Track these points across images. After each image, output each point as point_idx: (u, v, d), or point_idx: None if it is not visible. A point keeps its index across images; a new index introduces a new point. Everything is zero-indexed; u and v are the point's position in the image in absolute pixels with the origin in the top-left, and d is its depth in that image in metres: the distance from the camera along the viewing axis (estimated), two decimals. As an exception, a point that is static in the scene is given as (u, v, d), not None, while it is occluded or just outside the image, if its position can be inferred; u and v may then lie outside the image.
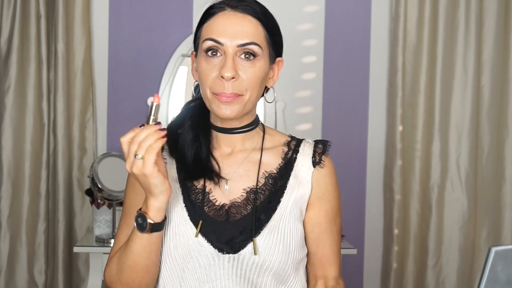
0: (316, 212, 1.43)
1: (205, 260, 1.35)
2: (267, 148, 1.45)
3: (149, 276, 1.36)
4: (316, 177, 1.42)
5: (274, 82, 1.44)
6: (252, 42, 1.33)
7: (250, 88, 1.34)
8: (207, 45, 1.34)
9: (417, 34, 3.37)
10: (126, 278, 1.36)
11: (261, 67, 1.35)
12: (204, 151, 1.40)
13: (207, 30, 1.36)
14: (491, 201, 3.42)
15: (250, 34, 1.33)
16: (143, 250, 1.31)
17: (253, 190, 1.40)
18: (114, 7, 3.36)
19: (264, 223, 1.36)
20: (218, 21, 1.34)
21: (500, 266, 1.15)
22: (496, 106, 3.41)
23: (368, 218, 3.52)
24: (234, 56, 1.32)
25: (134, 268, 1.34)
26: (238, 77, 1.32)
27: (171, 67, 3.34)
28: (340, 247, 1.48)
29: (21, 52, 3.19)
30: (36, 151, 3.21)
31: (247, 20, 1.33)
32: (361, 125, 3.49)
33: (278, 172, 1.42)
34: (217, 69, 1.33)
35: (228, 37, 1.32)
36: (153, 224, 1.28)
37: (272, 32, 1.37)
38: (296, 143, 1.46)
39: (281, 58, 1.43)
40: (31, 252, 3.22)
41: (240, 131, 1.42)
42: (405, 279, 3.39)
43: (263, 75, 1.36)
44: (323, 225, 1.43)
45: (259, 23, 1.34)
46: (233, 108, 1.34)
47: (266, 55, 1.36)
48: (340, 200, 1.47)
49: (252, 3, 1.36)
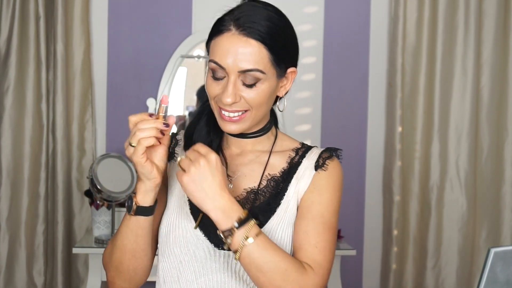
0: (305, 201, 1.39)
1: (201, 254, 1.37)
2: (276, 151, 1.46)
3: (136, 261, 1.38)
4: (316, 177, 1.41)
5: (286, 90, 1.42)
6: (254, 69, 1.31)
7: (255, 107, 1.35)
8: (212, 67, 1.36)
9: (416, 35, 3.37)
10: (115, 259, 1.39)
11: (265, 88, 1.34)
12: (214, 146, 1.43)
13: (213, 49, 1.36)
14: (490, 202, 3.42)
15: (253, 60, 1.31)
16: (130, 232, 1.35)
17: (253, 190, 1.41)
18: (113, 8, 3.36)
19: (261, 225, 1.37)
20: (223, 43, 1.33)
21: (500, 267, 1.15)
22: (496, 107, 3.41)
23: (367, 219, 3.51)
24: (236, 80, 1.32)
25: (121, 250, 1.37)
26: (240, 99, 1.34)
27: (170, 68, 3.34)
28: (326, 245, 1.35)
29: (20, 53, 3.19)
30: (35, 152, 3.21)
31: (250, 45, 1.31)
32: (361, 126, 3.49)
33: (282, 175, 1.42)
34: (220, 89, 1.34)
35: (230, 62, 1.32)
36: (139, 207, 1.33)
37: (279, 51, 1.34)
38: (305, 150, 1.46)
39: (294, 69, 1.41)
40: (30, 253, 3.22)
41: (251, 136, 1.44)
42: (404, 280, 3.39)
43: (269, 94, 1.36)
44: (306, 213, 1.37)
45: (262, 47, 1.32)
46: (238, 126, 1.37)
47: (271, 76, 1.35)
48: (336, 203, 1.40)
49: (260, 21, 1.33)
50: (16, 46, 3.18)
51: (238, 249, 1.26)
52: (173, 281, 1.40)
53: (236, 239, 1.26)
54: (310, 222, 1.36)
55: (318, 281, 1.31)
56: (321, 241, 1.34)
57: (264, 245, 1.27)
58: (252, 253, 1.26)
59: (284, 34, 1.36)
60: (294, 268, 1.29)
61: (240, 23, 1.32)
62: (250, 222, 1.27)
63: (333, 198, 1.39)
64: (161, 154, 1.31)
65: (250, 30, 1.31)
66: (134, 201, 1.33)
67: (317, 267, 1.32)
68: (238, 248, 1.26)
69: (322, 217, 1.37)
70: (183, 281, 1.39)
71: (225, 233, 1.26)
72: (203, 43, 3.38)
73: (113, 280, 1.42)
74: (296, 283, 1.28)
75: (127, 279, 1.41)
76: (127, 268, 1.39)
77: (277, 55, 1.34)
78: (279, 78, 1.38)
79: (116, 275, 1.41)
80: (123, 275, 1.40)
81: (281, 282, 1.27)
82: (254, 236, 1.27)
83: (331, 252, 1.36)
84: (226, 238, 1.26)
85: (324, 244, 1.35)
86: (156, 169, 1.30)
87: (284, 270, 1.28)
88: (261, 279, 1.27)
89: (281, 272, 1.27)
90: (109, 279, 1.43)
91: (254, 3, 1.37)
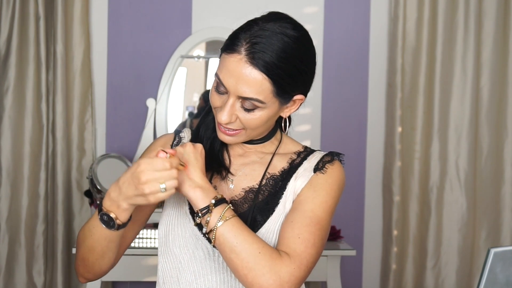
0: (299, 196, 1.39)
1: (200, 254, 1.37)
2: (278, 153, 1.47)
3: (103, 261, 1.37)
4: (313, 178, 1.40)
5: (290, 113, 1.42)
6: (254, 98, 1.31)
7: (249, 128, 1.36)
8: (216, 80, 1.36)
9: (416, 35, 3.37)
10: (81, 254, 1.38)
11: (262, 115, 1.34)
12: (218, 141, 1.44)
13: (221, 64, 1.34)
14: (490, 202, 3.42)
15: (254, 90, 1.31)
16: (104, 240, 1.33)
17: (252, 189, 1.41)
18: (113, 8, 3.36)
19: (260, 225, 1.37)
20: (230, 64, 1.32)
21: (499, 267, 1.15)
22: (495, 107, 3.41)
23: (367, 219, 3.52)
24: (234, 102, 1.33)
25: (90, 250, 1.35)
26: (236, 119, 1.35)
27: (170, 68, 3.34)
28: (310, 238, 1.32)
29: (20, 53, 3.19)
30: (35, 152, 3.21)
31: (253, 77, 1.30)
32: (360, 126, 3.49)
33: (281, 174, 1.43)
34: (221, 103, 1.35)
35: (232, 85, 1.31)
36: (121, 225, 1.29)
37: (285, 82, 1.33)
38: (307, 153, 1.47)
39: (302, 97, 1.39)
40: (30, 253, 3.22)
41: (255, 143, 1.46)
42: (404, 280, 3.39)
43: (265, 120, 1.36)
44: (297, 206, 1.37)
45: (266, 80, 1.30)
46: (234, 139, 1.39)
47: (272, 104, 1.34)
48: (331, 203, 1.38)
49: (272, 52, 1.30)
50: (16, 47, 3.18)
51: (214, 227, 1.26)
52: (173, 282, 1.40)
53: (213, 217, 1.27)
54: (298, 214, 1.35)
55: (293, 269, 1.28)
56: (305, 233, 1.32)
57: (239, 226, 1.28)
58: (226, 232, 1.26)
59: (296, 66, 1.33)
60: (268, 252, 1.28)
61: (251, 49, 1.30)
62: (225, 204, 1.29)
63: (328, 196, 1.38)
64: None
65: (258, 60, 1.29)
66: (115, 221, 1.28)
67: (294, 256, 1.30)
68: (214, 227, 1.26)
69: (312, 211, 1.35)
70: (183, 281, 1.39)
71: (203, 211, 1.27)
72: (203, 43, 3.41)
73: (77, 268, 1.42)
74: (268, 267, 1.26)
75: (90, 272, 1.40)
76: (92, 264, 1.38)
77: (281, 88, 1.33)
78: (282, 105, 1.37)
79: (81, 266, 1.40)
80: (88, 268, 1.40)
81: (253, 265, 1.26)
82: (229, 216, 1.27)
83: (315, 245, 1.33)
84: (203, 217, 1.27)
85: (308, 236, 1.32)
86: None
87: (258, 253, 1.27)
88: (234, 260, 1.27)
89: (254, 254, 1.26)
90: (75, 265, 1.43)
91: (275, 26, 1.32)
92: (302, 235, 1.32)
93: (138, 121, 3.35)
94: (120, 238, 1.36)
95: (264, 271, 1.26)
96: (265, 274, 1.26)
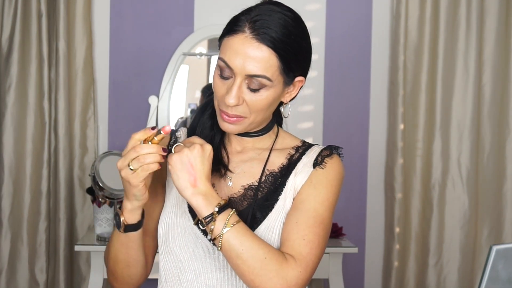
0: (300, 194, 1.38)
1: (200, 252, 1.37)
2: (276, 149, 1.46)
3: (130, 270, 1.41)
4: (313, 174, 1.40)
5: (291, 97, 1.42)
6: (262, 75, 1.30)
7: (254, 112, 1.35)
8: (220, 64, 1.34)
9: (418, 32, 3.37)
10: (109, 267, 1.43)
11: (268, 95, 1.34)
12: (216, 140, 1.43)
13: (224, 48, 1.34)
14: (492, 200, 3.42)
15: (261, 67, 1.30)
16: (121, 246, 1.37)
17: (251, 187, 1.40)
18: (115, 5, 3.36)
19: (259, 221, 1.37)
20: (234, 44, 1.31)
21: (501, 264, 1.15)
22: (497, 105, 3.40)
23: (369, 216, 3.52)
24: (241, 83, 1.31)
25: (114, 260, 1.40)
26: (243, 102, 1.33)
27: (172, 65, 3.34)
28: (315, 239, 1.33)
29: (22, 50, 3.19)
30: (37, 150, 3.22)
31: (260, 51, 1.30)
32: (362, 123, 3.49)
33: (280, 171, 1.42)
34: (225, 89, 1.33)
35: (239, 64, 1.30)
36: (127, 225, 1.33)
37: (290, 60, 1.33)
38: (305, 147, 1.46)
39: (302, 78, 1.40)
40: (32, 251, 3.23)
41: (252, 136, 1.44)
42: (406, 278, 3.39)
43: (271, 101, 1.35)
44: (299, 205, 1.36)
45: (273, 54, 1.30)
46: (235, 127, 1.36)
47: (277, 83, 1.34)
48: (332, 199, 1.38)
49: (275, 27, 1.31)
50: (18, 44, 3.18)
51: (219, 235, 1.26)
52: (175, 281, 1.40)
53: (217, 225, 1.26)
54: (302, 214, 1.35)
55: (299, 272, 1.29)
56: (310, 234, 1.32)
57: (244, 232, 1.27)
58: (231, 239, 1.26)
59: (298, 43, 1.35)
60: (274, 257, 1.28)
61: (255, 27, 1.30)
62: (229, 209, 1.28)
63: (329, 193, 1.38)
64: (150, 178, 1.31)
65: (263, 35, 1.30)
66: (122, 220, 1.33)
67: (300, 258, 1.30)
68: (219, 235, 1.26)
69: (315, 211, 1.35)
70: (184, 280, 1.39)
71: (206, 219, 1.26)
72: (205, 40, 3.41)
73: (111, 282, 1.46)
74: (275, 272, 1.27)
75: (123, 283, 1.44)
76: (121, 275, 1.42)
77: (287, 65, 1.33)
78: (285, 86, 1.37)
79: (113, 279, 1.44)
80: (119, 280, 1.43)
81: (260, 271, 1.26)
82: (234, 222, 1.27)
83: (319, 246, 1.33)
84: (208, 225, 1.26)
85: (312, 238, 1.32)
86: (146, 189, 1.30)
87: (263, 258, 1.27)
88: (241, 266, 1.27)
89: (260, 260, 1.26)
90: (108, 280, 1.47)
91: (273, 6, 1.34)
92: (306, 236, 1.32)
93: (140, 118, 3.35)
94: (139, 245, 1.38)
95: (271, 275, 1.27)
96: (272, 279, 1.27)
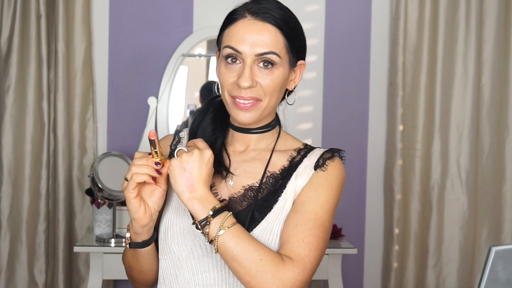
0: (301, 196, 1.38)
1: (199, 251, 1.38)
2: (278, 150, 1.47)
3: (145, 276, 1.49)
4: (314, 176, 1.40)
5: (295, 84, 1.45)
6: (271, 52, 1.34)
7: (268, 94, 1.37)
8: (227, 52, 1.36)
9: (417, 33, 3.37)
10: (126, 270, 1.52)
11: (279, 74, 1.37)
12: (218, 144, 1.45)
13: (228, 36, 1.37)
14: (491, 201, 3.42)
15: (269, 44, 1.34)
16: (133, 258, 1.45)
17: (251, 187, 1.41)
18: (114, 6, 3.36)
19: (257, 221, 1.37)
20: (238, 29, 1.35)
21: (501, 265, 1.15)
22: (497, 106, 3.40)
23: (368, 217, 3.52)
24: (252, 65, 1.34)
25: (129, 267, 1.50)
26: (256, 84, 1.35)
27: (171, 66, 3.34)
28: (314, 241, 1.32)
29: (21, 51, 3.19)
30: (36, 151, 3.21)
31: (266, 29, 1.34)
32: (362, 124, 3.49)
33: (281, 173, 1.42)
34: (235, 76, 1.36)
35: (246, 46, 1.34)
36: (131, 243, 1.40)
37: (293, 38, 1.38)
38: (307, 150, 1.46)
39: (303, 62, 1.44)
40: (31, 252, 3.22)
41: (256, 132, 1.46)
42: (405, 279, 3.39)
43: (282, 82, 1.38)
44: (299, 207, 1.36)
45: (278, 32, 1.35)
46: (251, 114, 1.37)
47: (285, 62, 1.38)
48: (332, 202, 1.38)
49: (273, 10, 1.36)
50: (17, 45, 3.18)
51: (214, 238, 1.28)
52: (172, 280, 1.41)
53: (212, 228, 1.27)
54: (302, 216, 1.35)
55: (296, 274, 1.28)
56: (309, 236, 1.32)
57: (239, 235, 1.28)
58: (226, 242, 1.27)
59: (296, 24, 1.40)
60: (270, 258, 1.28)
61: (255, 10, 1.36)
62: (225, 212, 1.29)
63: (330, 196, 1.38)
64: (157, 196, 1.34)
65: (265, 15, 1.35)
66: (127, 237, 1.41)
67: (298, 260, 1.30)
68: (214, 237, 1.28)
69: (315, 213, 1.35)
70: (181, 279, 1.40)
71: (202, 223, 1.28)
72: (204, 41, 3.41)
73: (130, 281, 1.56)
74: (271, 273, 1.27)
75: (140, 285, 1.53)
76: (138, 279, 1.50)
77: (292, 42, 1.38)
78: (291, 67, 1.41)
79: (130, 280, 1.54)
80: (136, 282, 1.52)
81: (255, 272, 1.27)
82: (229, 225, 1.28)
83: (319, 248, 1.33)
84: (203, 228, 1.28)
85: (312, 240, 1.32)
86: (144, 209, 1.33)
87: (259, 260, 1.27)
88: (237, 268, 1.28)
89: (256, 261, 1.27)
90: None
91: None
92: (306, 238, 1.32)
93: (140, 119, 3.35)
94: (150, 257, 1.44)
95: (267, 277, 1.27)
96: (268, 280, 1.27)
